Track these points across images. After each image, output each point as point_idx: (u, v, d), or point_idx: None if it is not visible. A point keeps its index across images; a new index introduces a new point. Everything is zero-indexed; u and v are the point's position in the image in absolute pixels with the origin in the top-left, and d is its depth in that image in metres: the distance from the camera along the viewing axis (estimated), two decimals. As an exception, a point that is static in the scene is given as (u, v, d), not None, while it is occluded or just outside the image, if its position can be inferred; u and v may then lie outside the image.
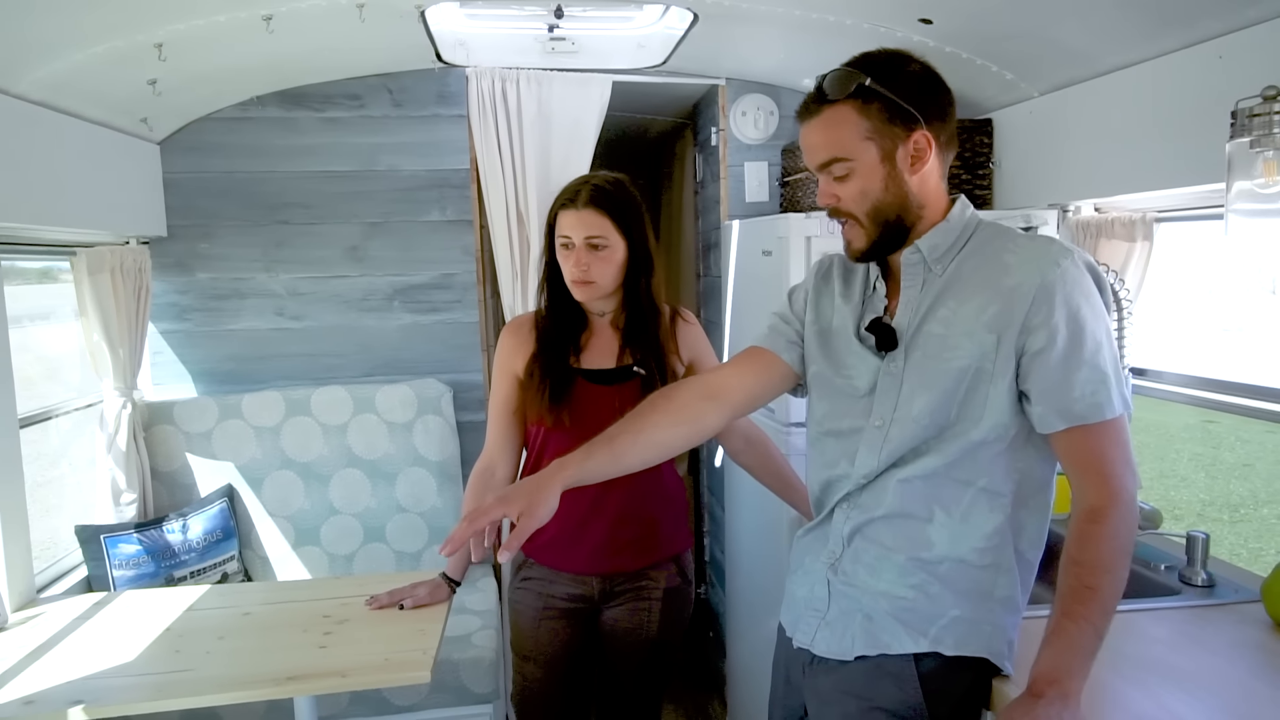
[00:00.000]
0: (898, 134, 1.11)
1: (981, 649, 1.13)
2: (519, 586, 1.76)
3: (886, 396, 1.16)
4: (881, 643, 1.14)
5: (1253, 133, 1.28)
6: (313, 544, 2.53)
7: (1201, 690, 1.15)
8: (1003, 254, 1.13)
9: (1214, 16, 1.47)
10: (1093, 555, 1.05)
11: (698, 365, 1.75)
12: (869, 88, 1.09)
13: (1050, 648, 1.02)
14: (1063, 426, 1.08)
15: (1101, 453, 1.08)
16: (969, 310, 1.12)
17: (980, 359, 1.10)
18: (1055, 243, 1.13)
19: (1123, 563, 1.05)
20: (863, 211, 1.14)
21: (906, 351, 1.16)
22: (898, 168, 1.12)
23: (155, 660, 1.53)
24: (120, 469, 2.32)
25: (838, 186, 1.14)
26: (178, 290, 2.63)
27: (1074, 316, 1.07)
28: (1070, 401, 1.07)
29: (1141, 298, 1.88)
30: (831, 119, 1.12)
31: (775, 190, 2.80)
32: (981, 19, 1.84)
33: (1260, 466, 7.34)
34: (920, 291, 1.17)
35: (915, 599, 1.14)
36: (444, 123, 2.69)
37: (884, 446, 1.16)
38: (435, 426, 2.63)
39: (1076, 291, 1.08)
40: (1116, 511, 1.06)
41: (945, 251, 1.16)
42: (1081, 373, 1.07)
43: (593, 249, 1.60)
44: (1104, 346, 1.08)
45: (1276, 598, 1.33)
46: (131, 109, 2.27)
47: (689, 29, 2.23)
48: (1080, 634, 1.01)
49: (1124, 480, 1.07)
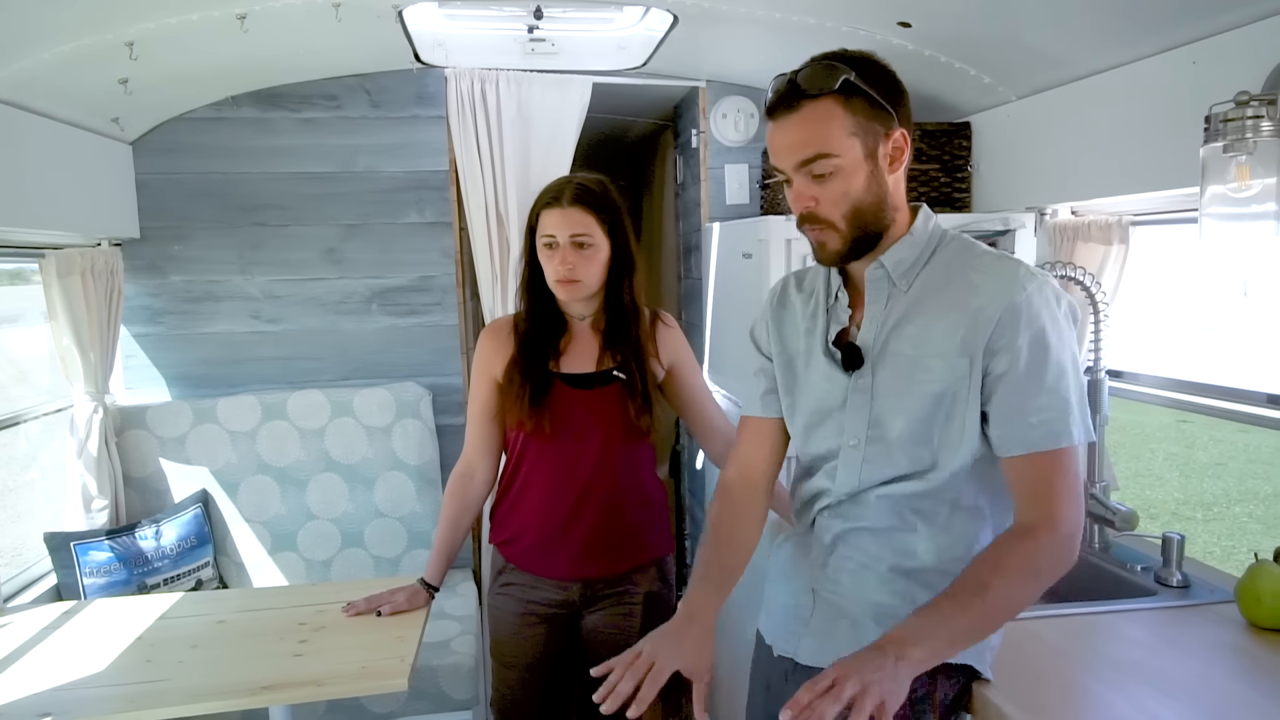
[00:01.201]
0: (878, 131, 1.08)
1: (966, 656, 1.12)
2: (499, 592, 1.74)
3: (858, 414, 1.15)
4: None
5: (1226, 137, 1.30)
6: (289, 550, 2.50)
7: (1179, 691, 1.15)
8: (970, 273, 1.10)
9: (1187, 22, 1.48)
10: (1002, 561, 1.03)
11: (678, 369, 1.74)
12: (853, 83, 1.05)
13: (916, 617, 1.00)
14: (1019, 453, 1.07)
15: (1049, 482, 1.06)
16: (939, 331, 1.10)
17: (955, 384, 1.09)
18: (1023, 265, 1.10)
19: (1028, 583, 1.02)
20: (841, 214, 1.09)
21: (874, 368, 1.14)
22: (879, 166, 1.09)
23: (127, 670, 1.50)
24: (91, 475, 2.27)
25: (817, 187, 1.08)
26: (150, 293, 2.59)
27: (1038, 340, 1.05)
28: (1027, 427, 1.05)
29: (1117, 300, 1.90)
30: (813, 114, 1.06)
31: (756, 193, 2.80)
32: (960, 23, 1.85)
33: (1232, 466, 7.45)
34: (885, 307, 1.14)
35: (900, 606, 1.13)
36: (422, 124, 2.66)
37: (863, 465, 1.15)
38: (414, 430, 2.60)
39: (1043, 315, 1.05)
40: (1047, 537, 1.04)
41: (910, 267, 1.13)
42: (1041, 398, 1.05)
43: (578, 248, 1.58)
44: (1068, 373, 1.06)
45: (1251, 599, 1.35)
46: (102, 108, 2.23)
47: (669, 31, 2.23)
48: (950, 617, 0.99)
49: (1065, 512, 1.05)
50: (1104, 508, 1.69)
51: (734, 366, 2.48)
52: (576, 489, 1.65)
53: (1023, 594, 1.03)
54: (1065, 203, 2.00)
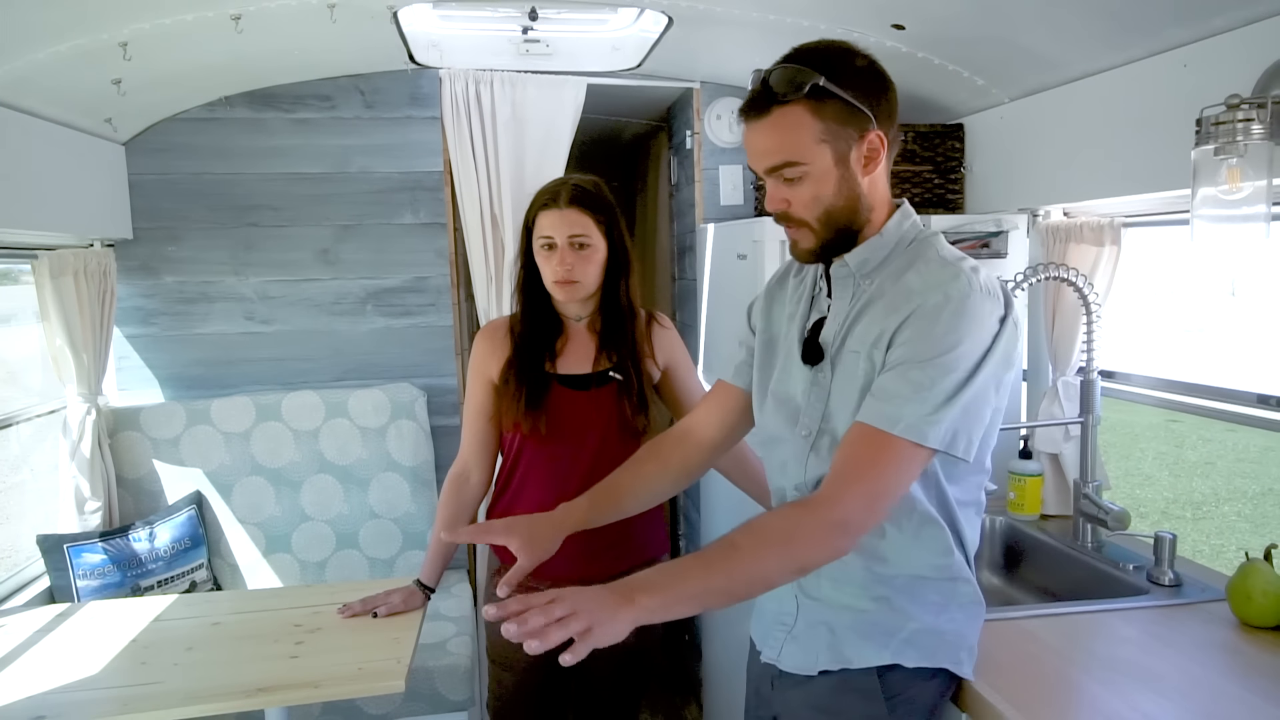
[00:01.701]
0: (851, 135, 1.05)
1: (943, 659, 1.14)
2: (495, 593, 1.74)
3: (813, 408, 1.14)
4: (844, 656, 1.14)
5: (1217, 140, 1.31)
6: (284, 551, 2.49)
7: (1171, 690, 1.17)
8: (910, 275, 1.08)
9: (1179, 25, 1.50)
10: (763, 526, 1.00)
11: (673, 370, 1.75)
12: (822, 87, 1.02)
13: (660, 568, 1.00)
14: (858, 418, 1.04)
15: (855, 460, 1.02)
16: (873, 332, 1.08)
17: (872, 375, 1.07)
18: (962, 273, 1.05)
19: (781, 554, 0.99)
20: (814, 216, 1.09)
21: (832, 365, 1.13)
22: (851, 170, 1.07)
23: (121, 673, 1.50)
24: (84, 476, 2.26)
25: (788, 190, 1.08)
26: (143, 294, 2.58)
27: (932, 338, 1.01)
28: (872, 400, 1.03)
29: (1109, 302, 1.91)
30: (782, 121, 1.05)
31: (750, 193, 2.81)
32: (953, 25, 1.86)
33: (1221, 465, 7.50)
34: (849, 304, 1.14)
35: (876, 611, 1.13)
36: (417, 124, 2.66)
37: (810, 457, 1.15)
38: (409, 431, 2.60)
39: (949, 316, 1.01)
40: (819, 514, 1.00)
41: (875, 267, 1.12)
42: (899, 384, 1.01)
43: (576, 248, 1.59)
44: (950, 375, 1.00)
45: (1241, 597, 1.36)
46: (95, 109, 2.22)
47: (663, 32, 2.23)
48: (691, 573, 0.98)
49: (850, 497, 1.00)
50: (1096, 507, 1.71)
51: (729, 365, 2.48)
52: (573, 490, 1.64)
53: (774, 565, 0.99)
54: (1057, 204, 2.01)
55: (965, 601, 1.16)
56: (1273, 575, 1.35)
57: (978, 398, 1.02)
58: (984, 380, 1.03)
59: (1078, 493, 1.77)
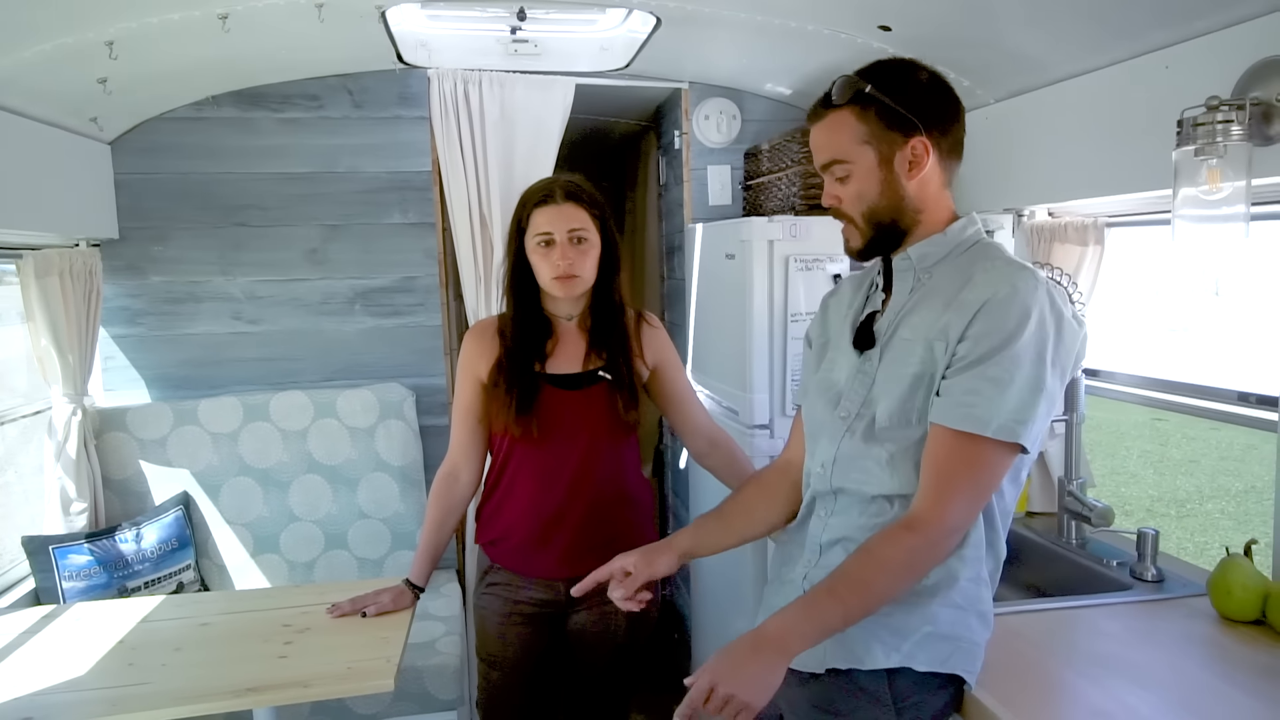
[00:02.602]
0: (895, 139, 1.14)
1: (955, 665, 1.13)
2: (485, 592, 1.75)
3: (855, 393, 1.20)
4: (854, 656, 1.13)
5: (1197, 141, 1.33)
6: (272, 552, 2.48)
7: (1153, 683, 1.18)
8: (975, 271, 1.14)
9: (1161, 28, 1.51)
10: (887, 556, 1.06)
11: (662, 369, 1.75)
12: (868, 94, 1.13)
13: (798, 611, 1.05)
14: (937, 421, 1.08)
15: (951, 468, 1.07)
16: (930, 319, 1.14)
17: (928, 365, 1.12)
18: (1026, 269, 1.11)
19: (905, 578, 1.07)
20: (858, 213, 1.18)
21: (881, 352, 1.19)
22: (894, 172, 1.15)
23: (108, 674, 1.49)
24: (70, 478, 2.25)
25: (838, 187, 1.19)
26: (130, 293, 2.57)
27: (1004, 332, 1.05)
28: (954, 404, 1.07)
29: (1093, 301, 1.93)
30: (833, 123, 1.16)
31: (738, 194, 2.82)
32: (939, 27, 1.87)
33: (1205, 463, 7.58)
34: (908, 295, 1.19)
35: (889, 614, 1.13)
36: (405, 124, 2.66)
37: (845, 439, 1.19)
38: (398, 431, 2.60)
39: (1020, 312, 1.05)
40: (929, 533, 1.06)
41: (935, 262, 1.18)
42: (980, 383, 1.05)
43: (575, 243, 1.59)
44: (1022, 371, 1.04)
45: (1221, 591, 1.38)
46: (81, 108, 2.21)
47: (652, 33, 2.24)
48: (831, 613, 1.04)
49: (953, 506, 1.06)
50: (1081, 504, 1.72)
51: (717, 366, 2.49)
52: (563, 489, 1.66)
53: (899, 589, 1.08)
54: (1042, 204, 2.03)
55: (981, 610, 1.16)
56: (1252, 570, 1.37)
57: (1052, 391, 1.07)
58: (1054, 374, 1.08)
59: (1062, 490, 1.79)
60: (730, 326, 2.27)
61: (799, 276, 2.08)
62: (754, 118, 2.80)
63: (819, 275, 2.08)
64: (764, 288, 2.10)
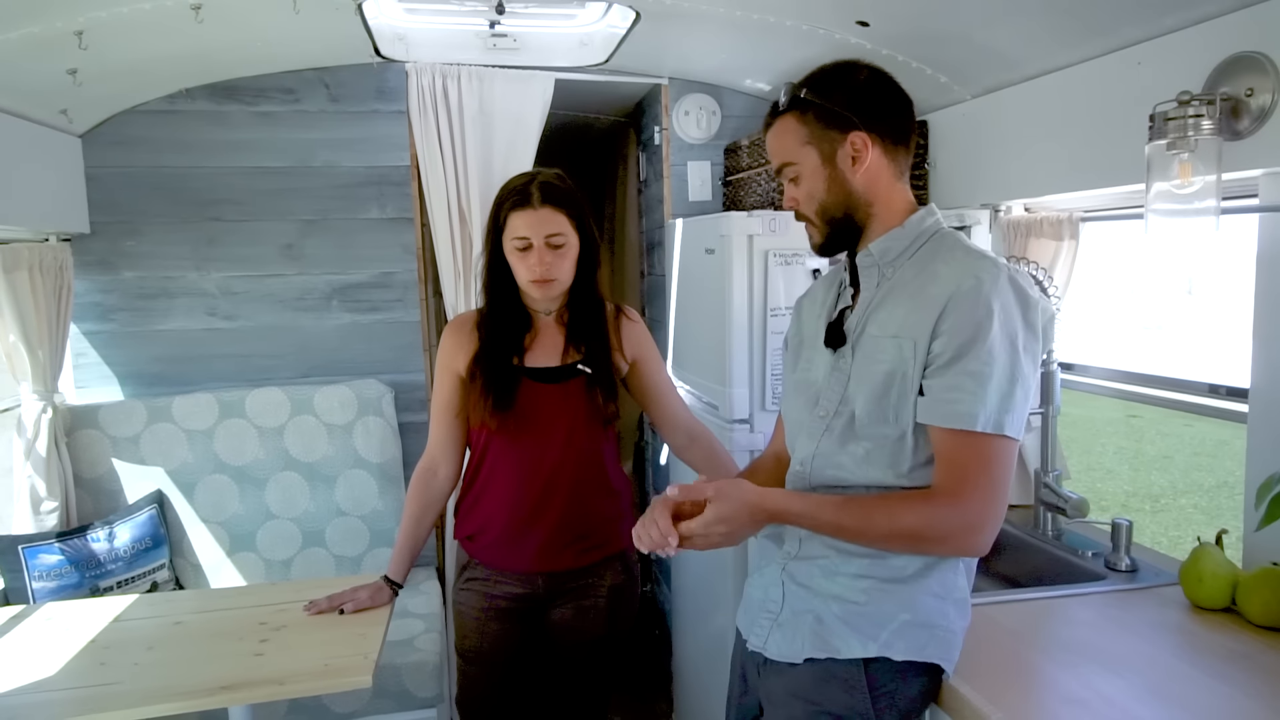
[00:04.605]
0: (834, 137, 1.17)
1: (932, 654, 1.14)
2: (463, 587, 1.74)
3: (833, 391, 1.21)
4: (831, 646, 1.15)
5: (1169, 135, 1.35)
6: (248, 550, 2.46)
7: (1126, 670, 1.20)
8: (937, 263, 1.15)
9: (1133, 24, 1.53)
10: (900, 512, 1.08)
11: (641, 364, 1.75)
12: (804, 98, 1.17)
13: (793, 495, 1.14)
14: (929, 421, 1.10)
15: (962, 462, 1.07)
16: (898, 315, 1.15)
17: (901, 364, 1.12)
18: (986, 258, 1.13)
19: (902, 539, 1.10)
20: (812, 211, 1.21)
21: (853, 349, 1.19)
22: (839, 169, 1.18)
23: (79, 674, 1.47)
24: (40, 476, 2.21)
25: (793, 189, 1.23)
26: (102, 289, 2.53)
27: (973, 326, 1.07)
28: (941, 401, 1.08)
29: (1068, 295, 1.95)
30: (780, 129, 1.21)
31: (718, 189, 2.82)
32: (915, 23, 1.88)
33: (1179, 459, 7.69)
34: (874, 290, 1.20)
35: (867, 603, 1.14)
36: (383, 118, 2.64)
37: (823, 436, 1.20)
38: (376, 428, 2.58)
39: (987, 303, 1.07)
40: (947, 508, 1.06)
41: (897, 255, 1.19)
42: (960, 379, 1.07)
43: (553, 248, 1.58)
44: (997, 361, 1.06)
45: (1193, 579, 1.40)
46: (50, 99, 2.17)
47: (631, 27, 2.24)
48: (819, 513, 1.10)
49: (973, 494, 1.06)
50: (1056, 495, 1.74)
51: (697, 361, 2.49)
52: (541, 483, 1.65)
53: (891, 545, 1.12)
54: (1018, 199, 2.05)
55: (959, 598, 1.17)
56: (1222, 558, 1.39)
57: (1027, 377, 1.10)
58: (1027, 360, 1.09)
59: (1038, 482, 1.81)
60: (710, 321, 2.27)
61: (778, 271, 2.09)
62: (734, 113, 2.80)
63: (798, 270, 2.09)
64: (743, 282, 2.10)
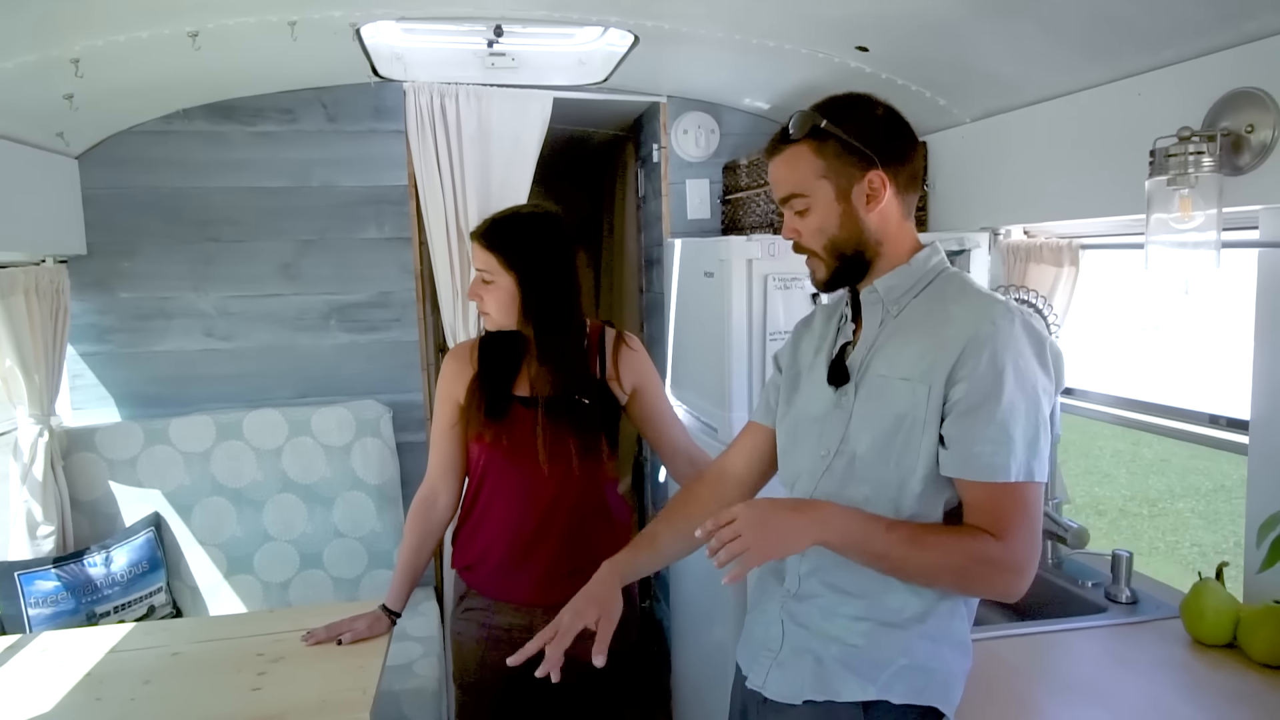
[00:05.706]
0: (853, 173, 1.14)
1: (930, 697, 1.14)
2: (461, 617, 1.73)
3: (834, 428, 1.19)
4: (831, 688, 1.14)
5: (1169, 172, 1.35)
6: (246, 572, 2.45)
7: (1128, 712, 1.19)
8: (949, 304, 1.14)
9: (1133, 54, 1.53)
10: (953, 546, 1.07)
11: (642, 392, 1.74)
12: (824, 129, 1.13)
13: (856, 514, 1.09)
14: (962, 476, 1.09)
15: (1000, 509, 1.07)
16: (909, 356, 1.13)
17: (913, 407, 1.11)
18: (1000, 302, 1.12)
19: (951, 575, 1.08)
20: (820, 245, 1.18)
21: (856, 387, 1.18)
22: (853, 205, 1.15)
23: (75, 710, 1.46)
24: (36, 500, 2.20)
25: (798, 221, 1.18)
26: (98, 310, 2.52)
27: (994, 374, 1.06)
28: (970, 455, 1.07)
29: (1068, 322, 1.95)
30: (790, 157, 1.17)
31: (717, 208, 2.82)
32: (915, 47, 1.88)
33: (1175, 462, 7.70)
34: (878, 329, 1.19)
35: (865, 646, 1.14)
36: (381, 138, 2.63)
37: (823, 477, 1.19)
38: (374, 449, 2.57)
39: (1007, 351, 1.07)
40: (995, 547, 1.05)
41: (903, 293, 1.18)
42: (987, 430, 1.06)
43: (484, 283, 1.65)
44: (1019, 410, 1.06)
45: (1195, 615, 1.40)
46: (45, 123, 2.16)
47: (630, 49, 2.23)
48: (878, 540, 1.07)
49: (1015, 540, 1.06)
50: (1057, 525, 1.74)
51: (695, 383, 2.49)
52: (539, 513, 1.64)
53: (939, 580, 1.10)
54: (1017, 224, 2.04)
55: (957, 641, 1.17)
56: (1224, 594, 1.39)
57: (1047, 422, 1.10)
58: (1045, 404, 1.09)
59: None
60: (709, 344, 2.26)
61: (778, 295, 2.08)
62: (732, 131, 2.80)
63: (797, 294, 2.08)
64: (743, 306, 2.10)
